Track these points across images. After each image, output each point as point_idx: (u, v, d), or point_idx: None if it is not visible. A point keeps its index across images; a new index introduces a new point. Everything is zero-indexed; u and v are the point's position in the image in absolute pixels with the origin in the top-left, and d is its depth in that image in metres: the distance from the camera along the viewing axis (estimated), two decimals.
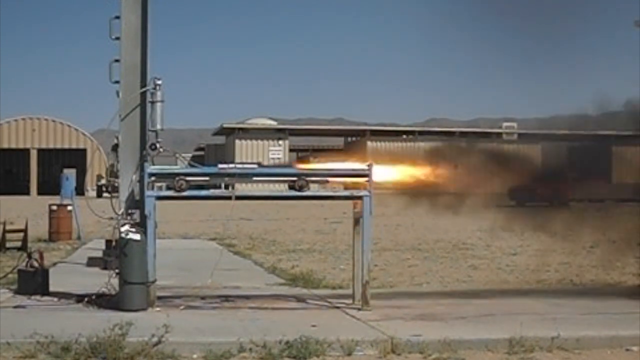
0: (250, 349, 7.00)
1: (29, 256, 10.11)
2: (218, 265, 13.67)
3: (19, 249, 15.52)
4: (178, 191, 8.91)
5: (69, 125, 68.47)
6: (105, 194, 31.82)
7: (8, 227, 16.77)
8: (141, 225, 8.90)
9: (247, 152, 61.83)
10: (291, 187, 9.11)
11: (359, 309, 8.89)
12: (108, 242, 13.11)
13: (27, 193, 63.27)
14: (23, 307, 8.95)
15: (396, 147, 65.66)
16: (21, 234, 16.67)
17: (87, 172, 54.89)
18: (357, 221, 9.25)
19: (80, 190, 23.57)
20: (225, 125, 65.62)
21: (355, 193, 9.16)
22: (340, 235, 20.40)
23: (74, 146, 66.66)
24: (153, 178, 8.96)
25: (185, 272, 12.72)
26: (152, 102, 9.12)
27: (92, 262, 13.33)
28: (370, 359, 7.06)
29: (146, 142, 9.10)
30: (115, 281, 9.03)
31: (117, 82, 9.25)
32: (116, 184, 9.58)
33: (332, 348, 7.08)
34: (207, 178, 9.23)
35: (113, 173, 10.33)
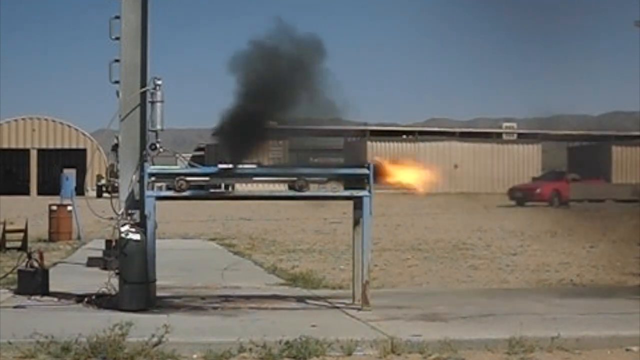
0: (250, 349, 7.00)
1: (29, 256, 10.10)
2: (218, 266, 13.73)
3: (19, 249, 15.51)
4: (178, 191, 8.91)
5: (69, 125, 68.48)
6: (105, 194, 31.82)
7: (8, 227, 16.76)
8: (141, 225, 8.90)
9: None
10: (291, 187, 9.11)
11: (359, 309, 8.88)
12: (108, 242, 13.11)
13: (27, 193, 63.24)
14: (23, 307, 8.94)
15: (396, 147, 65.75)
16: (21, 234, 16.66)
17: (87, 172, 54.88)
18: (357, 221, 9.25)
19: (80, 190, 23.58)
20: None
21: (355, 193, 9.16)
22: (340, 235, 20.39)
23: (74, 146, 66.65)
24: (153, 178, 8.96)
25: (185, 272, 12.74)
26: (152, 102, 9.11)
27: (92, 262, 13.33)
28: (370, 359, 7.06)
29: (146, 142, 9.10)
30: (115, 281, 9.03)
31: (117, 82, 9.25)
32: (116, 184, 9.57)
33: (332, 348, 7.08)
34: (207, 178, 9.22)
35: (113, 173, 10.32)
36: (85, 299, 9.16)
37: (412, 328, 7.75)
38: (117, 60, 9.27)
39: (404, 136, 68.64)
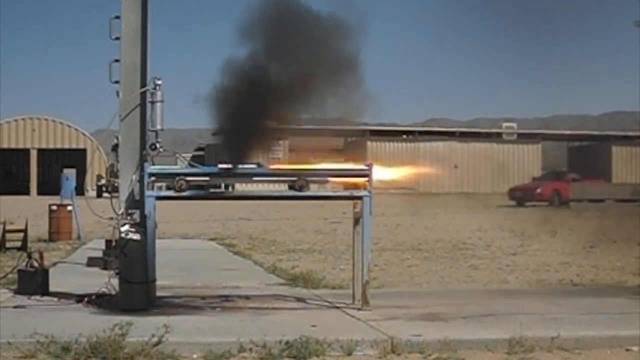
0: (250, 349, 7.00)
1: (29, 256, 10.10)
2: (218, 266, 13.73)
3: (19, 249, 15.51)
4: (178, 191, 8.91)
5: (69, 125, 68.51)
6: (105, 194, 31.81)
7: (8, 227, 16.76)
8: (141, 225, 8.89)
9: None
10: (291, 187, 9.11)
11: (359, 309, 8.88)
12: (108, 242, 13.11)
13: (27, 193, 63.26)
14: (23, 307, 8.94)
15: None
16: (21, 234, 16.66)
17: (87, 172, 54.89)
18: (357, 221, 9.24)
19: (80, 190, 23.58)
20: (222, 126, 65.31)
21: (355, 193, 9.16)
22: (340, 235, 20.39)
23: (74, 146, 66.69)
24: (153, 178, 8.95)
25: (185, 272, 12.74)
26: (152, 102, 9.11)
27: (92, 262, 13.33)
28: (370, 359, 7.06)
29: (146, 142, 9.09)
30: (115, 281, 9.03)
31: (117, 82, 9.24)
32: (116, 184, 9.57)
33: (332, 348, 7.08)
34: (207, 178, 9.22)
35: (113, 173, 10.32)
36: (85, 299, 9.16)
37: (412, 328, 7.75)
38: (117, 60, 9.27)
39: (404, 136, 68.64)
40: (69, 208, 20.06)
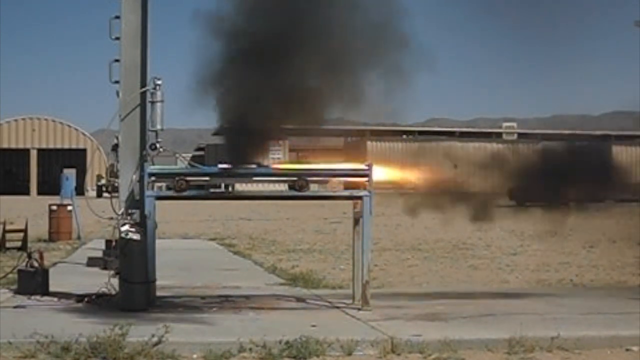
0: (250, 349, 7.01)
1: (29, 256, 10.10)
2: (218, 266, 13.72)
3: (19, 249, 15.51)
4: (178, 191, 8.91)
5: (69, 125, 68.50)
6: (105, 194, 31.81)
7: (8, 227, 16.76)
8: (141, 225, 8.89)
9: None
10: (291, 187, 9.11)
11: (359, 309, 8.89)
12: (108, 242, 13.11)
13: (27, 193, 63.25)
14: (23, 307, 8.94)
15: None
16: (21, 234, 16.66)
17: (87, 172, 54.87)
18: (357, 221, 9.24)
19: (80, 190, 23.58)
20: (225, 125, 65.30)
21: (355, 193, 9.16)
22: (340, 235, 20.40)
23: (74, 146, 66.67)
24: (153, 178, 8.96)
25: (185, 272, 12.74)
26: (152, 102, 9.11)
27: (92, 262, 13.33)
28: (370, 359, 7.06)
29: (146, 142, 9.09)
30: (115, 281, 9.03)
31: (117, 82, 9.24)
32: (116, 184, 9.57)
33: (332, 348, 7.09)
34: (207, 178, 9.22)
35: (113, 173, 10.32)
36: (85, 299, 9.17)
37: (412, 328, 7.75)
38: (117, 60, 9.27)
39: (404, 136, 68.60)
40: (69, 208, 20.07)
